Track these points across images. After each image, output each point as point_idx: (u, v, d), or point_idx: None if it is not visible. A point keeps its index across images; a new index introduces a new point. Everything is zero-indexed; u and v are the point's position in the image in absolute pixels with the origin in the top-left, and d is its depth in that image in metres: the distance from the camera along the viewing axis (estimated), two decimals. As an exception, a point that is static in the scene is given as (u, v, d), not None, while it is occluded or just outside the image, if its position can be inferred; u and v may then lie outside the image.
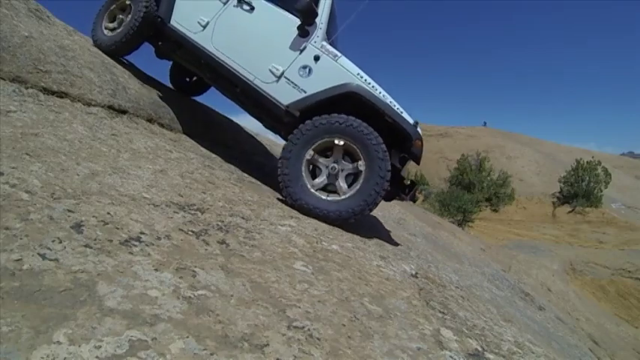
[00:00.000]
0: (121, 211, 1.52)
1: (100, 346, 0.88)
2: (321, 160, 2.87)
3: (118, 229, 1.40)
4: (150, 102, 3.44)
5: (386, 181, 2.70)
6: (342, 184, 2.80)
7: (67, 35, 3.15)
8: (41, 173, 1.54)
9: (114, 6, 3.83)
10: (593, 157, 20.60)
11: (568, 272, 11.29)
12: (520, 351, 1.89)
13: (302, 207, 2.71)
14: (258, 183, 3.24)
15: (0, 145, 1.61)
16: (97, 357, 0.85)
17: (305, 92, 2.95)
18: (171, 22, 3.44)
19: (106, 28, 3.78)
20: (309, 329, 1.27)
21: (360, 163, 2.74)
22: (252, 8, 3.23)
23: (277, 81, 3.01)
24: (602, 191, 19.10)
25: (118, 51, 3.68)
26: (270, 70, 3.03)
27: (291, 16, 3.12)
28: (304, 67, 3.00)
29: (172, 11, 3.45)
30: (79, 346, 0.86)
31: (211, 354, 0.99)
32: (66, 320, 0.92)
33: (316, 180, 2.83)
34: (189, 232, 1.62)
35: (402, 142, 2.97)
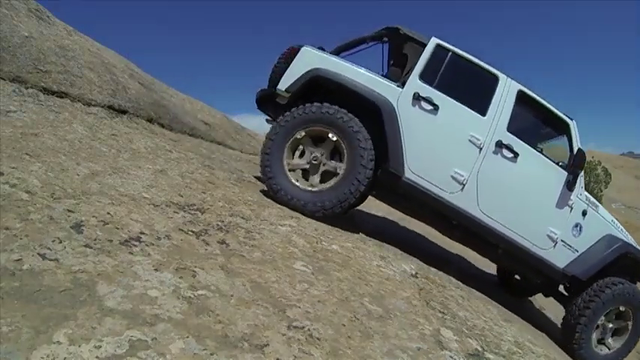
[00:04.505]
0: (121, 211, 1.52)
1: (100, 346, 0.88)
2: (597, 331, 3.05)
3: (118, 229, 1.40)
4: (150, 102, 3.44)
5: None
6: (610, 341, 3.10)
7: (67, 35, 3.15)
8: (41, 173, 1.54)
9: (287, 152, 2.66)
10: (593, 157, 20.54)
11: (568, 272, 11.32)
12: (520, 351, 1.89)
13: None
14: (258, 183, 3.24)
15: (0, 145, 1.61)
16: (97, 357, 0.85)
17: (577, 252, 2.94)
18: (407, 175, 2.68)
19: (308, 185, 2.66)
20: (309, 329, 1.27)
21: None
22: (516, 155, 2.79)
23: (554, 246, 2.89)
24: (602, 191, 19.06)
25: (330, 213, 2.60)
26: (547, 235, 2.87)
27: (552, 163, 2.92)
28: (576, 225, 2.94)
29: (404, 159, 2.68)
30: (79, 346, 0.86)
31: (211, 354, 0.99)
32: (66, 320, 0.92)
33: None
34: (189, 232, 1.62)
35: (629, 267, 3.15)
